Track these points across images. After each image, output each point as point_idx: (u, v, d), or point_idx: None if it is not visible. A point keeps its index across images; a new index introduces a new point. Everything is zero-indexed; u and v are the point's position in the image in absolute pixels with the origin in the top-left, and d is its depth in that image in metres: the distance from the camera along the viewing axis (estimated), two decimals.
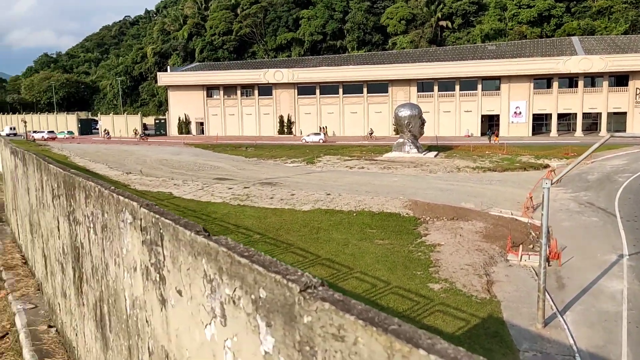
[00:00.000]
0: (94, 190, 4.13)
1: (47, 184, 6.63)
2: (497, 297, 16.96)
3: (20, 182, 9.69)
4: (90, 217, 4.31)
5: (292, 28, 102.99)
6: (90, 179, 4.41)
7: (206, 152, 53.60)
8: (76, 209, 4.96)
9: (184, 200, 28.97)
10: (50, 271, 7.01)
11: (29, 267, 10.16)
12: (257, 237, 22.50)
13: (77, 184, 4.82)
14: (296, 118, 71.89)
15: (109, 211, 3.69)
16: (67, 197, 5.34)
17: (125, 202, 3.29)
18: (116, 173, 38.17)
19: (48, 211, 6.73)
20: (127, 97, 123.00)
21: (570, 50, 64.66)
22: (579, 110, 62.15)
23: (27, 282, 9.34)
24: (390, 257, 20.37)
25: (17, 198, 10.70)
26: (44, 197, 6.99)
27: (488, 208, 27.31)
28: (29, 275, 9.76)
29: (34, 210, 8.22)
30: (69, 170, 5.43)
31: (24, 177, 9.22)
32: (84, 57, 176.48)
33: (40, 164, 7.09)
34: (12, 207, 12.41)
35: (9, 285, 9.17)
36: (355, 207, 26.64)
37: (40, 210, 7.54)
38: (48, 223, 6.84)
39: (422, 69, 65.29)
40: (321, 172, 38.43)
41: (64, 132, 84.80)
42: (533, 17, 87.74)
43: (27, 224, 9.50)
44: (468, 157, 43.49)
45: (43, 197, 7.10)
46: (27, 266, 10.43)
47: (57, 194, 5.92)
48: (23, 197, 9.52)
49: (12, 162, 11.31)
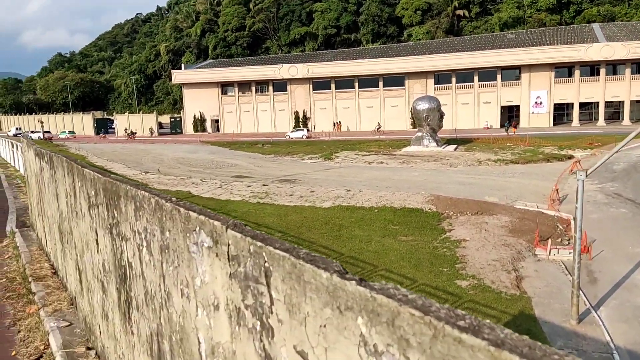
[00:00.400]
0: (147, 202, 3.40)
1: (81, 190, 5.95)
2: (528, 293, 16.48)
3: (48, 186, 9.15)
4: (142, 233, 3.63)
5: (305, 22, 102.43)
6: (141, 187, 3.76)
7: (222, 149, 53.52)
8: (122, 222, 4.20)
9: (203, 199, 28.82)
10: (86, 287, 6.45)
11: (60, 278, 9.51)
12: (278, 236, 22.18)
13: (122, 193, 4.10)
14: (311, 113, 71.49)
15: (171, 229, 2.98)
16: (109, 207, 4.60)
17: (201, 221, 2.56)
18: (134, 172, 38.22)
19: (83, 221, 6.02)
20: (141, 96, 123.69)
21: (591, 37, 63.17)
22: (601, 99, 60.76)
23: (59, 295, 8.69)
24: (415, 253, 19.96)
25: (44, 203, 9.97)
26: (77, 205, 6.28)
27: (512, 202, 26.70)
28: (60, 288, 9.13)
29: (65, 218, 7.51)
30: (110, 176, 4.75)
31: (51, 181, 8.52)
32: (98, 56, 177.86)
33: (72, 167, 6.41)
34: (38, 212, 11.66)
35: (40, 299, 8.54)
36: (376, 203, 26.24)
37: (72, 218, 6.82)
38: (83, 234, 6.16)
39: (439, 61, 64.35)
40: (339, 167, 38.04)
41: (65, 132, 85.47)
42: (552, 4, 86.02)
43: (57, 231, 8.74)
44: (489, 149, 42.74)
45: (76, 204, 6.39)
46: (57, 277, 9.80)
47: (94, 203, 5.25)
48: (51, 202, 8.94)
49: (37, 165, 10.54)
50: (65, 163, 6.91)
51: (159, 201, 3.17)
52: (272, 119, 73.55)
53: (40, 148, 10.09)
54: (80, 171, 5.87)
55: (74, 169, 6.31)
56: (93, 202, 5.32)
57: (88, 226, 5.75)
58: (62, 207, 7.67)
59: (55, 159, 7.95)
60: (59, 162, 7.54)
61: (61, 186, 7.46)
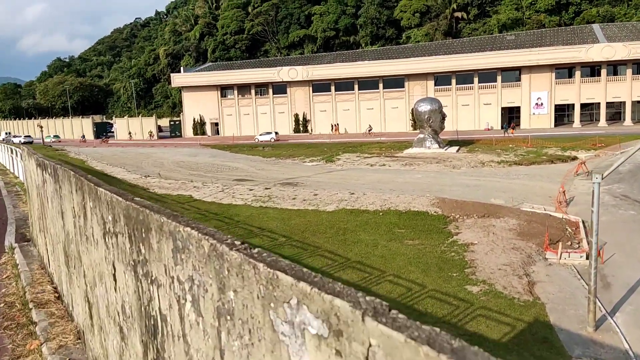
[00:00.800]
0: (196, 245, 2.40)
1: (93, 212, 5.04)
2: (541, 298, 16.07)
3: (51, 201, 8.08)
4: (186, 283, 2.63)
5: (304, 25, 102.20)
6: (183, 219, 2.76)
7: (223, 152, 53.11)
8: (151, 261, 3.23)
9: (205, 203, 28.40)
10: (98, 325, 5.42)
11: (64, 305, 8.36)
12: (282, 240, 21.82)
13: (154, 226, 3.07)
14: (311, 116, 71.16)
15: (240, 290, 1.94)
16: (133, 239, 3.65)
17: (302, 291, 1.54)
18: (134, 176, 37.78)
19: (95, 249, 5.14)
20: (140, 100, 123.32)
21: (591, 38, 62.96)
22: (602, 99, 60.51)
23: (64, 326, 7.59)
24: (423, 258, 19.56)
25: (46, 219, 8.93)
26: (88, 229, 5.35)
27: (519, 204, 26.32)
28: (65, 317, 8.01)
29: (72, 240, 6.51)
30: (134, 200, 3.73)
31: (55, 197, 7.46)
32: (97, 60, 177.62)
33: (81, 184, 5.44)
34: (40, 227, 10.48)
35: (42, 331, 7.42)
36: (381, 207, 25.84)
37: (81, 242, 5.88)
38: (95, 264, 5.26)
39: (439, 62, 64.09)
40: (342, 170, 37.65)
41: (50, 136, 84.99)
42: (551, 5, 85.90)
43: (61, 252, 7.70)
44: (491, 151, 42.40)
45: (86, 227, 5.46)
46: (61, 303, 8.66)
47: (111, 230, 4.32)
48: (55, 219, 7.92)
49: (39, 177, 9.32)
50: (74, 178, 5.92)
51: (217, 247, 2.15)
52: (272, 122, 73.18)
53: (43, 158, 8.94)
54: (93, 190, 4.97)
55: (84, 185, 5.38)
56: (110, 229, 4.40)
57: (102, 256, 4.85)
58: (68, 227, 6.75)
59: (60, 172, 6.90)
60: (65, 176, 6.53)
61: (67, 203, 6.54)
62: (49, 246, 9.33)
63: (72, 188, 6.07)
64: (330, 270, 18.59)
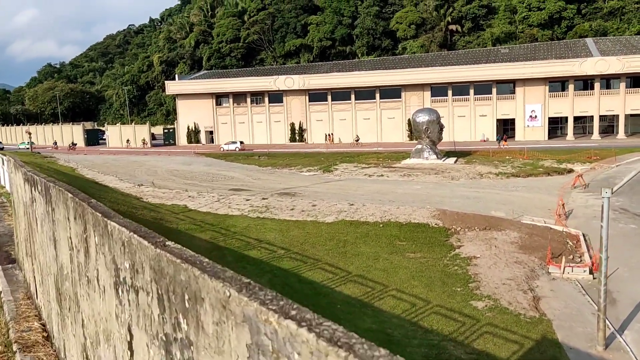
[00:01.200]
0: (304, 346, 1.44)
1: (100, 250, 3.94)
2: (547, 315, 15.80)
3: (41, 224, 6.70)
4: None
5: (300, 34, 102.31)
6: (267, 294, 1.81)
7: (218, 161, 52.67)
8: (200, 346, 2.18)
9: (200, 214, 27.96)
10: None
11: (55, 349, 7.08)
12: (281, 253, 21.43)
13: (208, 296, 2.06)
14: (308, 125, 70.94)
15: None
16: (166, 305, 2.56)
17: None
18: (127, 185, 37.25)
19: (101, 299, 4.03)
20: (133, 107, 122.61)
21: (585, 52, 63.44)
22: (595, 112, 60.86)
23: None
24: (426, 272, 19.25)
25: (35, 243, 7.52)
26: (91, 270, 4.25)
27: (519, 216, 26.15)
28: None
29: (66, 276, 5.38)
30: (170, 249, 2.56)
31: (47, 220, 6.20)
32: (89, 66, 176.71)
33: (83, 211, 4.27)
34: (27, 250, 8.92)
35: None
36: (381, 218, 25.54)
37: (80, 284, 4.74)
38: (100, 317, 4.11)
39: (436, 73, 64.24)
40: (339, 180, 37.36)
41: (24, 143, 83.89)
42: (544, 19, 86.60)
43: (52, 287, 6.43)
44: (489, 162, 42.32)
45: (88, 267, 4.36)
46: (51, 346, 7.32)
47: (129, 283, 3.23)
48: (45, 246, 6.67)
49: (27, 194, 8.03)
50: (72, 202, 4.70)
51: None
52: (267, 131, 72.88)
53: (32, 173, 7.56)
54: (100, 222, 3.81)
55: (86, 213, 4.21)
56: (126, 279, 3.32)
57: (111, 312, 3.73)
58: (62, 259, 5.53)
59: (54, 192, 5.61)
60: (59, 197, 5.32)
61: (62, 231, 5.36)
62: (37, 274, 7.82)
63: (69, 214, 4.94)
64: (331, 284, 18.22)
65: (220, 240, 22.50)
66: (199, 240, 21.88)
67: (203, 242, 21.70)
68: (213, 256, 20.18)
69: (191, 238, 21.85)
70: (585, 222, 25.92)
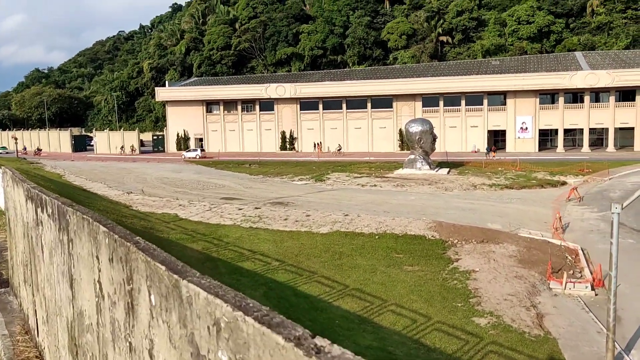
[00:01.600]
0: None
1: (160, 317, 2.72)
2: (552, 333, 15.37)
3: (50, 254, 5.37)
4: None
5: (292, 43, 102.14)
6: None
7: (208, 169, 51.93)
8: None
9: (192, 223, 27.27)
10: None
11: None
12: (276, 264, 20.83)
13: None
14: (299, 133, 70.47)
15: None
16: None
17: None
18: (116, 193, 36.41)
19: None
20: (122, 113, 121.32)
21: (574, 65, 63.89)
22: (585, 125, 61.17)
23: None
24: (425, 286, 18.77)
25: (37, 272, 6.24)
26: (138, 337, 3.01)
27: (516, 229, 25.83)
28: None
29: (90, 329, 4.05)
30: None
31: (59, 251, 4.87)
32: (77, 72, 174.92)
33: (126, 254, 3.05)
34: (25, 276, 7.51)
35: None
36: (376, 229, 25.06)
37: (117, 347, 3.45)
38: None
39: (427, 84, 64.25)
40: (332, 190, 36.86)
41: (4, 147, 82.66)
42: (533, 33, 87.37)
43: (64, 334, 5.06)
44: (481, 173, 42.12)
45: (132, 330, 3.14)
46: None
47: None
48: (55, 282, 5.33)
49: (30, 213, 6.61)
50: (106, 238, 3.38)
51: None
52: (258, 139, 72.27)
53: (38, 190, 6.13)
54: (164, 278, 2.56)
55: (134, 259, 2.92)
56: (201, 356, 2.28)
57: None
58: (83, 306, 4.28)
59: (73, 220, 4.22)
60: (82, 226, 4.01)
61: (86, 271, 4.07)
62: (39, 309, 6.38)
63: (98, 251, 3.61)
64: (328, 299, 17.65)
65: (213, 250, 21.85)
66: (191, 251, 21.21)
67: (195, 253, 21.03)
68: (206, 267, 19.46)
69: (183, 248, 21.17)
70: (583, 236, 25.67)
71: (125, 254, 3.10)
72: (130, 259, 3.00)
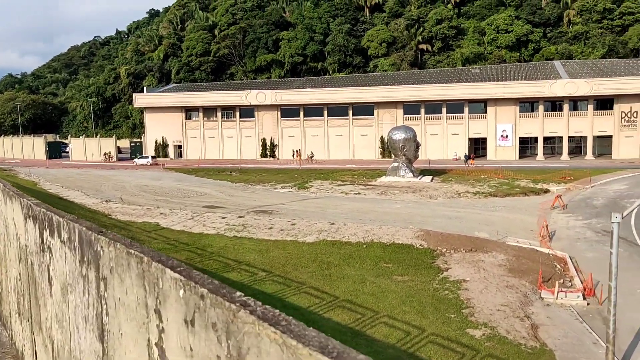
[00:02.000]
0: None
1: None
2: (548, 345, 15.05)
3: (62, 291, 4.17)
4: None
5: (271, 49, 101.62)
6: None
7: (188, 176, 50.92)
8: None
9: (174, 232, 26.43)
10: None
11: None
12: (262, 275, 20.18)
13: None
14: (279, 141, 69.84)
15: None
16: None
17: None
18: (94, 201, 35.26)
19: None
20: (98, 119, 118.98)
21: (554, 74, 64.77)
22: (564, 133, 61.93)
23: None
24: (416, 296, 18.32)
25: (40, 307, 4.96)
26: None
27: (503, 237, 25.65)
28: None
29: None
30: None
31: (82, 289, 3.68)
32: (52, 77, 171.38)
33: (224, 313, 1.77)
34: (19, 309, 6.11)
35: None
36: (363, 238, 24.60)
37: None
38: None
39: (409, 92, 64.36)
40: (316, 198, 36.33)
41: None
42: (512, 41, 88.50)
43: None
44: (465, 181, 42.09)
45: None
46: None
47: None
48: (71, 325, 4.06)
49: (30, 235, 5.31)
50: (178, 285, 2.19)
51: None
52: (238, 146, 71.38)
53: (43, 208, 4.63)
54: None
55: (241, 329, 1.70)
56: None
57: None
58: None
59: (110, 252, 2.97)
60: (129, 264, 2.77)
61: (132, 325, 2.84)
62: (41, 352, 5.10)
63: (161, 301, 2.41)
64: (318, 310, 17.08)
65: (196, 261, 21.09)
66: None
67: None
68: None
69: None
70: (570, 244, 25.60)
71: (226, 322, 1.77)
72: (238, 331, 1.70)
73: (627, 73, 61.98)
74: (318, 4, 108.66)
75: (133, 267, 2.69)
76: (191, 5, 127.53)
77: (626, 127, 60.05)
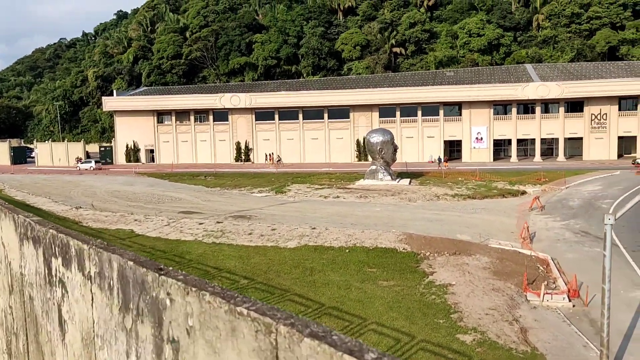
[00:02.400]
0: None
1: None
2: (539, 349, 14.83)
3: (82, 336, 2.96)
4: None
5: (244, 52, 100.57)
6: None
7: (162, 181, 49.67)
8: None
9: (149, 239, 25.51)
10: None
11: None
12: (244, 283, 19.53)
13: None
14: (254, 144, 68.97)
15: None
16: None
17: None
18: (63, 208, 33.94)
19: None
20: (65, 123, 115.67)
21: (526, 77, 65.75)
22: (537, 135, 62.87)
23: None
24: (403, 302, 17.94)
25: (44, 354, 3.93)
26: None
27: (485, 240, 25.55)
28: None
29: None
30: None
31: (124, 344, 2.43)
32: (15, 80, 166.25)
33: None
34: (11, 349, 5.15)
35: None
36: (346, 243, 24.15)
37: None
38: None
39: (384, 94, 64.40)
40: (295, 202, 35.74)
41: None
42: (483, 45, 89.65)
43: None
44: (442, 184, 42.11)
45: None
46: None
47: None
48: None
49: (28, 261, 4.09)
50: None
51: None
52: (212, 150, 70.19)
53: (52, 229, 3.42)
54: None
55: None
56: None
57: None
58: None
59: (189, 307, 1.81)
60: (240, 329, 1.51)
61: None
62: None
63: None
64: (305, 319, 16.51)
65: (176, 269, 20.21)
66: None
67: None
68: None
69: None
70: (550, 245, 25.65)
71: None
72: None
73: (596, 76, 63.32)
74: (291, 7, 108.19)
75: (244, 334, 1.52)
76: (161, 7, 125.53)
77: (596, 129, 61.31)
